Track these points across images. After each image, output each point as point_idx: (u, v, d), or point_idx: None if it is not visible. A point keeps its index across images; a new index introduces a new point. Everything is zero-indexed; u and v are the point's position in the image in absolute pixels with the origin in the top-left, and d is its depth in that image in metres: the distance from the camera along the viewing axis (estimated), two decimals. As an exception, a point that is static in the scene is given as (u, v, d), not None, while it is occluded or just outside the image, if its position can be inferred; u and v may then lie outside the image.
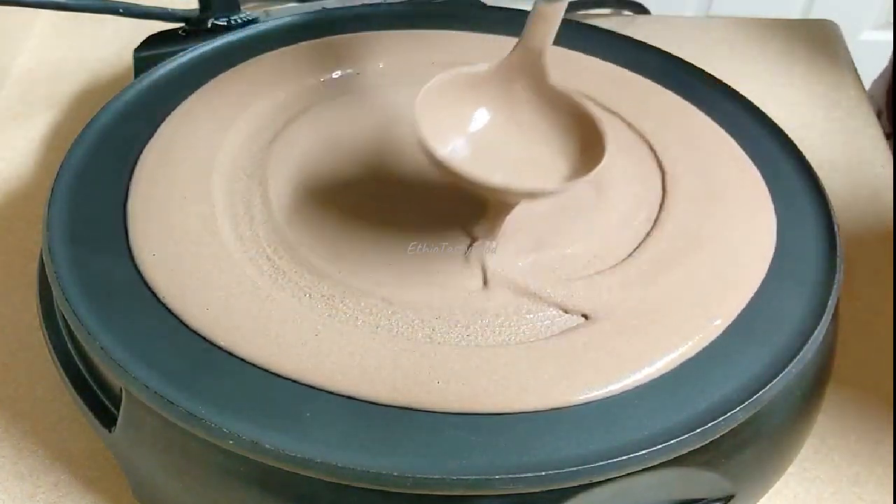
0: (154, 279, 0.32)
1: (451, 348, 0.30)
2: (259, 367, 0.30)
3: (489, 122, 0.34)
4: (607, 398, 0.29)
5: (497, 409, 0.29)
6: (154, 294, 0.32)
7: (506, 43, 0.44)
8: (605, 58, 0.43)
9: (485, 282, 0.33)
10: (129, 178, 0.36)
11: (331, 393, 0.29)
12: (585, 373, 0.30)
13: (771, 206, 0.37)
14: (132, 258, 0.33)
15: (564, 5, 0.32)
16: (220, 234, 0.34)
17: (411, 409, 0.29)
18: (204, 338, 0.30)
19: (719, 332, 0.32)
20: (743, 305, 0.33)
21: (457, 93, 0.33)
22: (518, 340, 0.31)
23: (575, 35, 0.44)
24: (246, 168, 0.37)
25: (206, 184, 0.36)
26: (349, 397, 0.29)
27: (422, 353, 0.30)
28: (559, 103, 0.34)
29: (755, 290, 0.33)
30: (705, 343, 0.31)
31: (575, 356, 0.30)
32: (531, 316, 0.32)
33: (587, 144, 0.33)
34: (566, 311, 0.32)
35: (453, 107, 0.33)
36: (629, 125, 0.40)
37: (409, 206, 0.36)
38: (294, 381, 0.29)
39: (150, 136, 0.38)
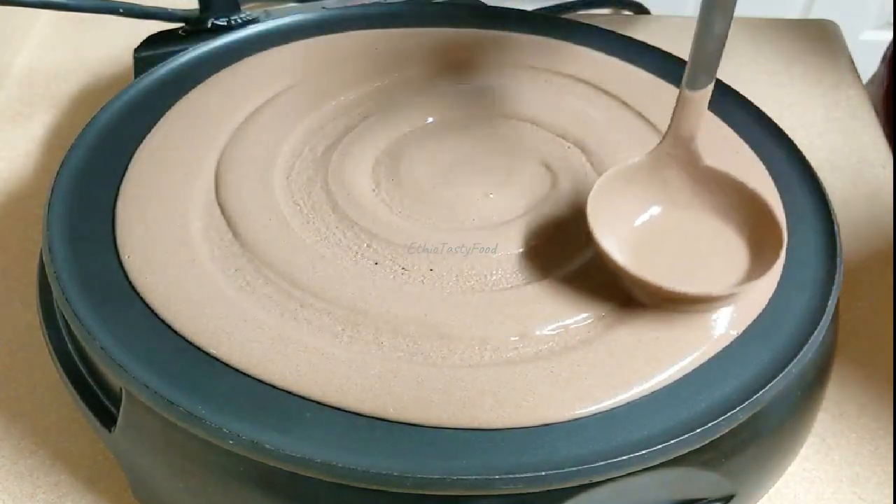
0: (137, 282, 0.32)
1: (449, 361, 0.30)
2: (253, 378, 0.30)
3: (652, 215, 0.34)
4: (612, 409, 0.29)
5: (498, 426, 0.28)
6: (140, 296, 0.32)
7: (506, 42, 0.44)
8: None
9: (486, 284, 0.33)
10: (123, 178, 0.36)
11: (328, 406, 0.29)
12: (591, 388, 0.29)
13: (780, 207, 0.36)
14: (118, 259, 0.33)
15: (709, 92, 0.32)
16: (204, 236, 0.34)
17: (410, 424, 0.29)
18: (193, 344, 0.30)
19: (731, 340, 0.31)
20: (757, 314, 0.32)
21: (618, 190, 0.33)
22: (519, 348, 0.31)
23: (575, 35, 0.44)
24: (242, 167, 0.37)
25: (194, 184, 0.36)
26: (346, 411, 0.29)
27: (420, 370, 0.30)
28: (717, 185, 0.33)
29: (769, 298, 0.33)
30: (716, 351, 0.31)
31: (584, 368, 0.30)
32: (533, 321, 0.31)
33: (756, 227, 0.32)
34: (571, 316, 0.31)
35: (617, 205, 0.33)
36: (639, 114, 0.40)
37: (408, 205, 0.36)
38: (289, 393, 0.29)
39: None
